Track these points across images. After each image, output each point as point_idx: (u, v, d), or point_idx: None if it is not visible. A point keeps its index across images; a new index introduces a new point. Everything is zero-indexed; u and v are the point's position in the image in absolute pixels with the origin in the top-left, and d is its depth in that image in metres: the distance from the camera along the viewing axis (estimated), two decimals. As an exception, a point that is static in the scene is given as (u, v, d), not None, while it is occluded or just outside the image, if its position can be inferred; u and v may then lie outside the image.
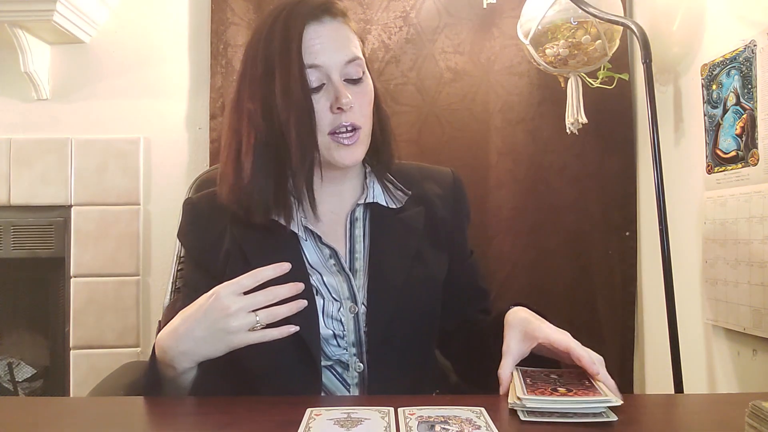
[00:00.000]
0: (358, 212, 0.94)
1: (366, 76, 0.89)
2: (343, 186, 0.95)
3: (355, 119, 0.86)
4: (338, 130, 0.85)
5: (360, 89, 0.87)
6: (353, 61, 0.86)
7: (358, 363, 0.88)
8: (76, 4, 1.75)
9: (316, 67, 0.84)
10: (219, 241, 0.90)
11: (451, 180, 1.02)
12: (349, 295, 0.89)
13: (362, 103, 0.87)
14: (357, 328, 0.88)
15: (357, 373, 0.88)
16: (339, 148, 0.86)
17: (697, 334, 1.40)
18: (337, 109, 0.84)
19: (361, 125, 0.87)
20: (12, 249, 1.88)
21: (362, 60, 0.88)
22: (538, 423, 0.65)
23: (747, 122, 1.21)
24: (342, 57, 0.85)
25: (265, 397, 0.73)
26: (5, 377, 1.94)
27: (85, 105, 1.93)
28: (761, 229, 1.17)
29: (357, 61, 0.86)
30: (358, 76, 0.87)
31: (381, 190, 0.95)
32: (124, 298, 1.89)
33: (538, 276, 1.79)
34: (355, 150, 0.87)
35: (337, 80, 0.85)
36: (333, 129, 0.85)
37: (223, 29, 1.84)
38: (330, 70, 0.84)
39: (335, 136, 0.85)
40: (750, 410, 0.58)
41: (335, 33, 0.86)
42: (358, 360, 0.88)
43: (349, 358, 0.88)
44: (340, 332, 0.88)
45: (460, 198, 1.02)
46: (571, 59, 1.52)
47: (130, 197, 1.91)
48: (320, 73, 0.84)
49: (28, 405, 0.84)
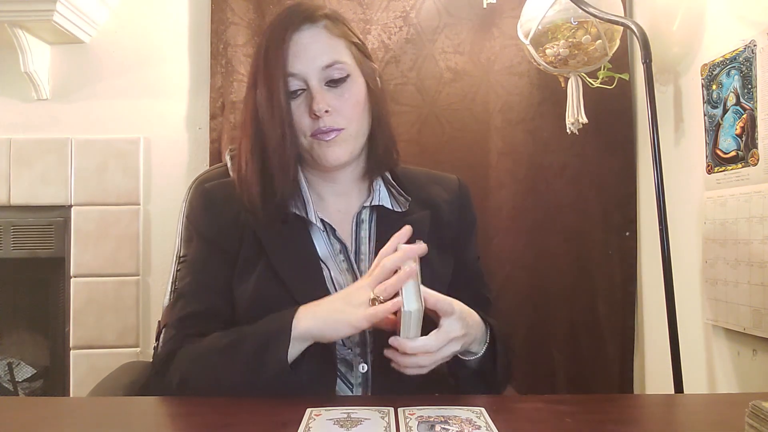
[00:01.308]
0: (365, 214, 0.96)
1: (352, 78, 0.91)
2: (349, 187, 0.97)
3: (334, 123, 0.88)
4: (318, 131, 0.88)
5: (342, 91, 0.89)
6: (332, 65, 0.89)
7: (362, 363, 0.88)
8: (76, 4, 1.75)
9: (294, 75, 0.88)
10: (233, 225, 0.92)
11: (458, 186, 1.04)
12: None
13: (344, 105, 0.89)
14: None
15: (361, 374, 0.89)
16: (321, 146, 0.89)
17: (697, 334, 1.40)
18: (314, 115, 0.87)
19: (344, 126, 0.89)
20: (12, 249, 1.88)
21: (345, 63, 0.90)
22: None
23: (747, 122, 1.21)
24: (318, 63, 0.88)
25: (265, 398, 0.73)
26: (5, 377, 1.94)
27: (85, 105, 1.93)
28: (761, 229, 1.17)
29: (337, 65, 0.89)
30: (341, 76, 0.89)
31: (387, 193, 0.96)
32: (124, 298, 1.89)
33: (538, 276, 1.79)
34: (337, 149, 0.89)
35: (315, 86, 0.88)
36: (313, 132, 0.89)
37: (223, 29, 1.84)
38: (307, 77, 0.88)
39: (316, 135, 0.89)
40: (750, 410, 0.58)
41: (312, 40, 0.89)
42: (362, 360, 0.89)
43: (353, 358, 0.89)
44: None
45: (467, 204, 1.03)
46: (572, 59, 1.52)
47: (130, 197, 1.91)
48: (299, 79, 0.88)
49: (28, 405, 0.84)
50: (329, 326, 0.78)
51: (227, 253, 0.91)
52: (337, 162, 0.90)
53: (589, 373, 1.77)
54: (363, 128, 0.92)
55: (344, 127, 0.89)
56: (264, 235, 0.90)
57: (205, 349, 0.84)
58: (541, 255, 1.79)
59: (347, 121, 0.89)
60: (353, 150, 0.92)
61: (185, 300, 0.91)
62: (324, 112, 0.87)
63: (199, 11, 1.93)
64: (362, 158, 0.97)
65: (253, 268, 0.90)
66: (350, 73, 0.90)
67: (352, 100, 0.90)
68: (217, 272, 0.91)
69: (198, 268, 0.94)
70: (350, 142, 0.90)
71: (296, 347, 0.79)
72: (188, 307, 0.90)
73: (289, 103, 0.88)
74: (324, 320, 0.78)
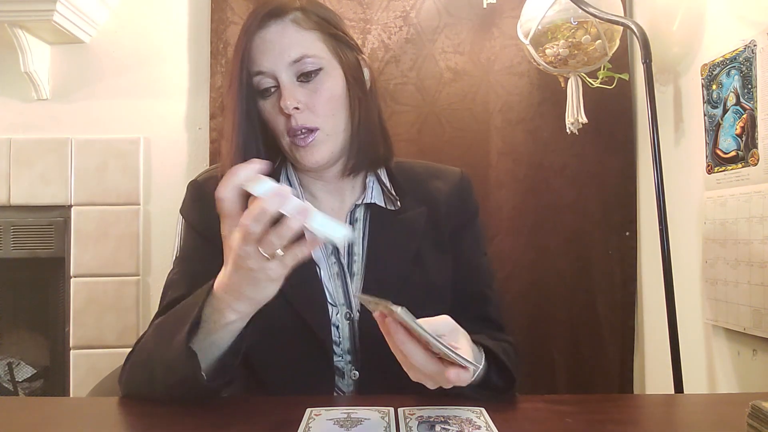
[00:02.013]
0: (358, 213, 0.93)
1: (325, 71, 0.86)
2: (340, 184, 0.93)
3: (306, 120, 0.84)
4: (293, 132, 0.85)
5: (315, 86, 0.85)
6: (301, 59, 0.84)
7: (354, 371, 0.87)
8: (76, 4, 1.75)
9: (263, 73, 0.84)
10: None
11: (459, 178, 0.99)
12: (344, 300, 0.88)
13: (317, 101, 0.85)
14: (352, 334, 0.87)
15: (352, 381, 0.87)
16: (298, 149, 0.85)
17: (697, 334, 1.40)
18: (285, 113, 0.84)
19: (317, 125, 0.85)
20: (12, 249, 1.88)
21: (317, 56, 0.85)
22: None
23: (747, 122, 1.21)
24: (286, 58, 0.84)
25: (265, 398, 0.73)
26: (5, 377, 1.94)
27: (85, 105, 1.93)
28: (761, 229, 1.17)
29: (307, 58, 0.84)
30: (313, 69, 0.84)
31: (380, 191, 0.94)
32: (124, 298, 1.89)
33: (538, 276, 1.79)
34: (314, 151, 0.85)
35: (286, 81, 0.84)
36: (288, 131, 0.85)
37: (223, 29, 1.84)
38: (276, 73, 0.84)
39: (293, 138, 0.85)
40: (750, 410, 0.58)
41: (279, 35, 0.84)
42: (353, 368, 0.87)
43: (345, 366, 0.87)
44: (336, 338, 0.87)
45: (466, 196, 0.99)
46: (571, 59, 1.52)
47: (130, 197, 1.91)
48: (268, 77, 0.84)
49: (28, 405, 0.84)
50: (255, 299, 0.69)
51: (214, 244, 0.85)
52: (317, 165, 0.87)
53: (589, 373, 1.77)
54: (340, 125, 0.87)
55: (318, 126, 0.85)
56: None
57: (144, 337, 0.82)
58: (541, 255, 1.79)
59: (321, 118, 0.85)
60: (333, 150, 0.87)
61: (170, 289, 0.89)
62: (294, 109, 0.83)
63: (199, 11, 1.93)
64: (350, 155, 0.91)
65: None
66: (323, 66, 0.85)
67: (326, 94, 0.85)
68: (205, 263, 0.85)
69: (185, 257, 0.92)
70: (328, 143, 0.86)
71: (226, 331, 0.72)
72: (171, 294, 0.87)
73: (250, 103, 0.85)
74: (245, 296, 0.69)
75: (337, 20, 0.91)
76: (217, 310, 0.71)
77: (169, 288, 0.90)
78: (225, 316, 0.71)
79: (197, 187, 0.94)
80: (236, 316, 0.71)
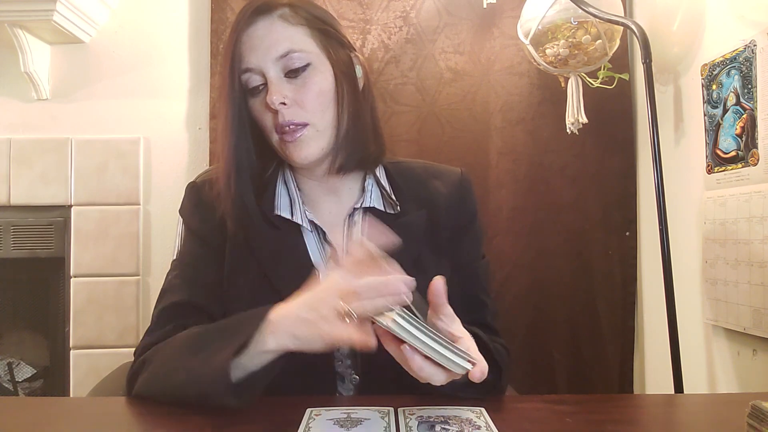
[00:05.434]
0: (357, 216, 0.92)
1: (314, 66, 0.85)
2: (336, 185, 0.92)
3: (294, 116, 0.83)
4: (280, 129, 0.84)
5: (303, 81, 0.84)
6: (288, 54, 0.83)
7: (353, 375, 0.87)
8: (76, 4, 1.75)
9: (250, 70, 0.84)
10: (221, 223, 0.88)
11: (459, 179, 0.98)
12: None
13: (305, 96, 0.84)
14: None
15: (352, 385, 0.87)
16: (287, 145, 0.85)
17: (697, 334, 1.40)
18: (271, 109, 0.83)
19: (306, 121, 0.84)
20: (12, 249, 1.88)
21: (304, 51, 0.84)
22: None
23: (747, 122, 1.21)
24: (273, 53, 0.83)
25: (265, 398, 0.73)
26: (5, 377, 1.94)
27: (85, 105, 1.93)
28: (761, 229, 1.17)
29: (294, 53, 0.83)
30: (301, 65, 0.84)
31: (379, 194, 0.92)
32: (124, 298, 1.89)
33: (538, 276, 1.79)
34: (302, 147, 0.85)
35: (273, 77, 0.83)
36: (276, 128, 0.85)
37: (223, 29, 1.84)
38: (263, 69, 0.83)
39: (281, 134, 0.85)
40: (750, 410, 0.58)
41: (265, 31, 0.84)
42: (353, 372, 0.87)
43: (344, 370, 0.87)
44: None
45: (466, 197, 0.97)
46: (572, 59, 1.52)
47: (130, 197, 1.91)
48: (256, 74, 0.84)
49: (28, 405, 0.84)
50: (302, 341, 0.68)
51: (215, 249, 0.88)
52: (306, 161, 0.86)
53: (589, 373, 1.77)
54: (330, 121, 0.86)
55: (306, 121, 0.84)
56: (251, 235, 0.87)
57: (170, 342, 0.79)
58: (541, 255, 1.79)
59: (311, 113, 0.84)
60: (322, 146, 0.86)
61: (170, 292, 0.88)
62: (280, 104, 0.82)
63: (199, 11, 1.93)
64: (337, 152, 0.89)
65: (244, 269, 0.86)
66: (311, 61, 0.84)
67: (314, 89, 0.84)
68: (204, 267, 0.88)
69: (185, 261, 0.91)
70: (318, 139, 0.85)
71: (261, 358, 0.71)
72: (171, 298, 0.86)
73: (240, 102, 0.85)
74: (294, 335, 0.68)
75: (327, 17, 0.91)
76: (260, 332, 0.70)
77: (168, 291, 0.89)
78: (265, 343, 0.70)
79: (196, 190, 0.93)
80: (274, 346, 0.69)
